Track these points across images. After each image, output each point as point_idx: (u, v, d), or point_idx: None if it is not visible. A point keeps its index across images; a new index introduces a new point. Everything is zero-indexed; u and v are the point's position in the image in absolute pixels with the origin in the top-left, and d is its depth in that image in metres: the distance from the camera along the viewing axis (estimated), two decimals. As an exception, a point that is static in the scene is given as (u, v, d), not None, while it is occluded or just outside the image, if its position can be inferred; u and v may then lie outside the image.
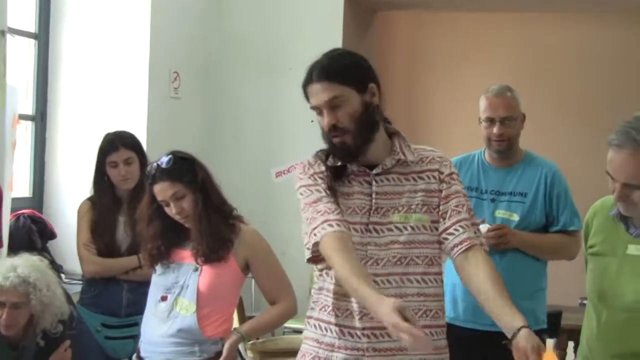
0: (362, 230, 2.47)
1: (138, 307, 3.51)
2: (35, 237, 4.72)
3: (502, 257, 3.48)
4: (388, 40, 7.84)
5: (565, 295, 5.68)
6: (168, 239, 3.26)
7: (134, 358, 3.33)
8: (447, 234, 2.49)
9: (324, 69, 2.45)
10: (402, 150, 2.53)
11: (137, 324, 3.53)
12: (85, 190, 4.03)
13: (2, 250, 4.01)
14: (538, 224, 3.61)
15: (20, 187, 5.07)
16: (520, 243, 3.56)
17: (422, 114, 8.08)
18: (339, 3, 6.08)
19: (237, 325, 3.39)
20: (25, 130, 5.19)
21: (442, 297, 2.56)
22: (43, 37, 5.28)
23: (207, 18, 6.06)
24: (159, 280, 3.27)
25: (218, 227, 3.21)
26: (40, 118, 5.27)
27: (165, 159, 3.20)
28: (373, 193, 2.50)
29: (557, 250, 3.67)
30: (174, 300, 3.20)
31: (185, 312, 3.17)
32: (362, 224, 2.48)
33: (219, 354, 3.16)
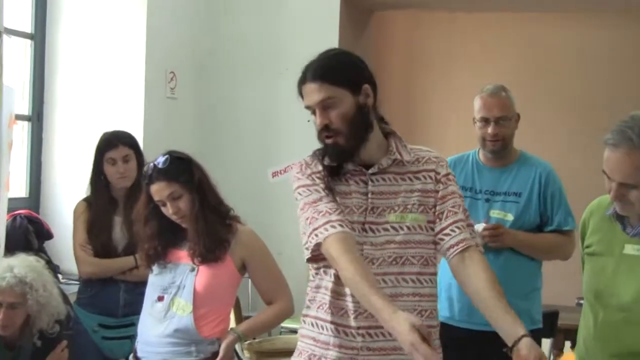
0: (358, 230, 2.46)
1: (135, 307, 3.50)
2: (32, 237, 4.71)
3: (497, 256, 3.49)
4: (385, 40, 7.82)
5: (562, 295, 5.69)
6: (165, 239, 3.26)
7: (131, 358, 3.32)
8: (443, 235, 2.49)
9: (318, 69, 2.44)
10: (398, 150, 2.53)
11: (134, 324, 3.53)
12: (82, 191, 4.03)
13: (-2, 251, 4.01)
14: (532, 224, 3.61)
15: (17, 187, 5.05)
16: (515, 243, 3.57)
17: (419, 114, 8.08)
18: (335, 3, 6.06)
19: (233, 326, 3.39)
20: (22, 131, 5.18)
21: (436, 297, 2.56)
22: (39, 37, 5.27)
23: (203, 18, 6.06)
24: (156, 281, 3.27)
25: (215, 227, 3.21)
26: (37, 118, 5.26)
27: (162, 159, 3.20)
28: (369, 193, 2.49)
29: (551, 250, 3.68)
30: (171, 301, 3.20)
31: (182, 312, 3.17)
32: (358, 223, 2.47)
33: (216, 354, 3.16)
